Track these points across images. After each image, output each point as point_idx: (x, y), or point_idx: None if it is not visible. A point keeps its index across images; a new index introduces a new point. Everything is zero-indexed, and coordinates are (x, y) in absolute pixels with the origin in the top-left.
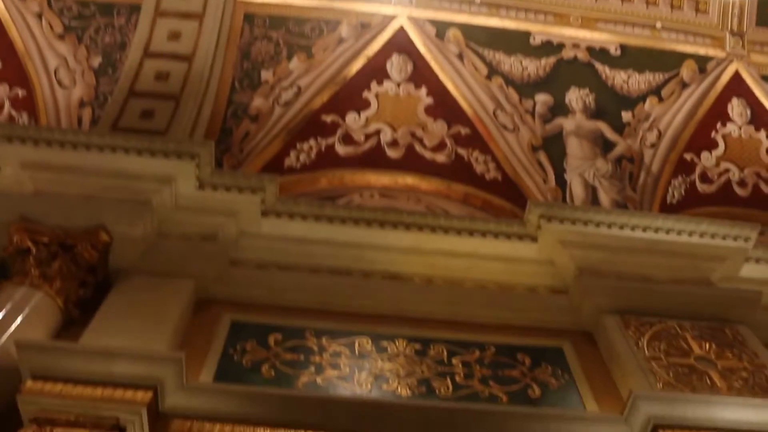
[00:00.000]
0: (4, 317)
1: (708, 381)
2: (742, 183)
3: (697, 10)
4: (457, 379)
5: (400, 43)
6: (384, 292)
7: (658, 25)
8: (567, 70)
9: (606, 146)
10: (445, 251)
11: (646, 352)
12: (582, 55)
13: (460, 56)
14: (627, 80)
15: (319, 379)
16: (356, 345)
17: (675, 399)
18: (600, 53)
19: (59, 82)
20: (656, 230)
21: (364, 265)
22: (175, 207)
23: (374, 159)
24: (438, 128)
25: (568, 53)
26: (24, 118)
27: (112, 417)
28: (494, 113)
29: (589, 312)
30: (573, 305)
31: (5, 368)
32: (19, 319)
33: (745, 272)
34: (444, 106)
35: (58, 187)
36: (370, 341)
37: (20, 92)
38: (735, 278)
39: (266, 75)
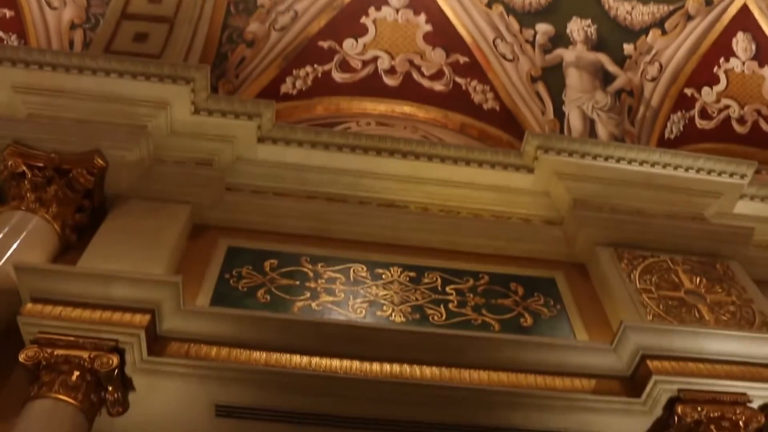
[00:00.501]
0: (1, 240)
1: (696, 314)
2: (741, 120)
3: None
4: (451, 306)
5: None
6: (380, 219)
7: None
8: (569, 0)
9: (606, 79)
10: (442, 180)
11: (638, 284)
12: None
13: None
14: (630, 11)
15: (314, 305)
16: (351, 272)
17: (663, 330)
18: None
19: (48, 3)
20: (653, 165)
21: (361, 192)
22: (170, 132)
23: (371, 86)
24: (436, 56)
25: None
26: (13, 40)
27: (111, 339)
28: (494, 42)
29: (582, 244)
30: (567, 237)
31: (5, 291)
32: (16, 243)
33: (738, 209)
34: (443, 34)
35: (52, 111)
36: (365, 268)
37: (8, 13)
38: (728, 214)
39: None
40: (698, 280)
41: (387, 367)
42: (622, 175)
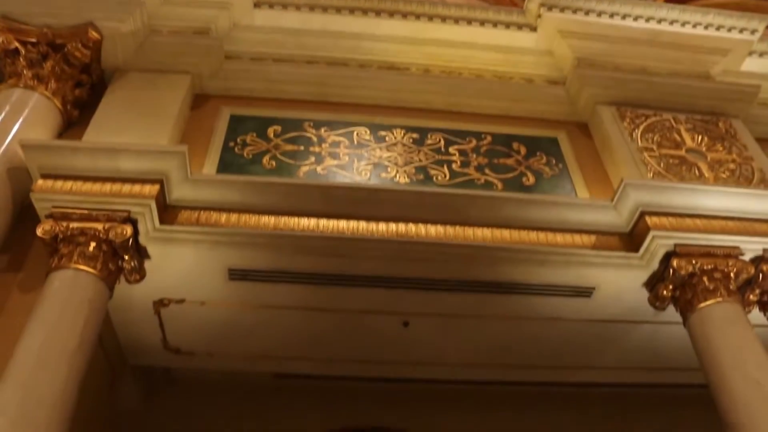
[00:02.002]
0: (4, 119)
1: (696, 172)
2: None
3: None
4: (454, 167)
5: None
6: (381, 82)
7: None
8: None
9: None
10: (443, 41)
11: (639, 143)
12: None
13: None
14: None
15: (319, 169)
16: (355, 135)
17: (662, 187)
18: None
19: None
20: (659, 21)
21: (361, 55)
22: (163, 1)
23: None
24: None
25: None
26: None
27: (123, 210)
28: None
29: (585, 103)
30: (570, 96)
31: (15, 169)
32: (19, 121)
33: (746, 66)
34: None
35: None
36: (368, 131)
37: None
38: (735, 72)
39: None
40: (700, 138)
41: (393, 226)
42: (626, 32)
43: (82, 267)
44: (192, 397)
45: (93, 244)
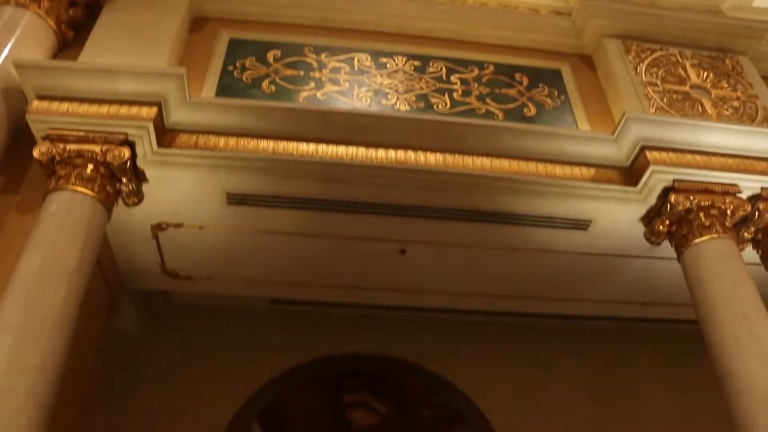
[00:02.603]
0: None
1: (699, 108)
2: None
3: None
4: (455, 95)
5: None
6: (384, 8)
7: None
8: None
9: None
10: None
11: (644, 77)
12: None
13: None
14: None
15: (319, 94)
16: (355, 61)
17: (664, 122)
18: None
19: None
20: None
21: None
22: None
23: None
24: None
25: None
26: None
27: (120, 133)
28: None
29: (590, 35)
30: (575, 27)
31: (9, 90)
32: (12, 40)
33: (758, 2)
34: None
35: None
36: (369, 57)
37: None
38: (745, 8)
39: None
40: (705, 74)
41: (392, 153)
42: None
43: (79, 189)
44: (190, 321)
45: (90, 167)
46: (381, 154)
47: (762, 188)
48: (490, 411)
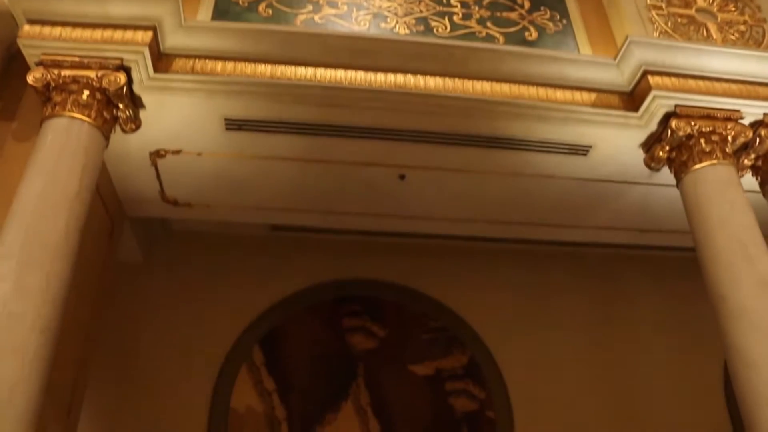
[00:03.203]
0: None
1: (704, 32)
2: None
3: None
4: (455, 19)
5: None
6: None
7: None
8: None
9: None
10: None
11: (648, 0)
12: None
13: None
14: None
15: (317, 18)
16: None
17: (667, 46)
18: None
19: None
20: None
21: None
22: None
23: None
24: None
25: None
26: None
27: (115, 58)
28: None
29: None
30: None
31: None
32: None
33: None
34: None
35: None
36: None
37: None
38: None
39: None
40: None
41: (391, 77)
42: None
43: (76, 115)
44: (190, 249)
45: (86, 92)
46: (380, 78)
47: (765, 114)
48: (488, 336)
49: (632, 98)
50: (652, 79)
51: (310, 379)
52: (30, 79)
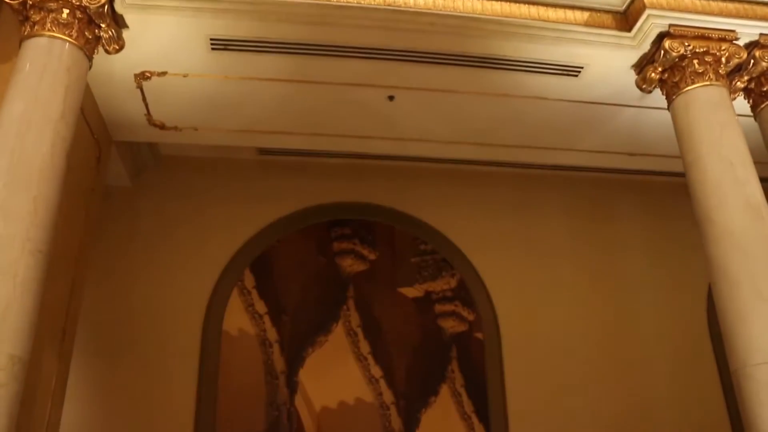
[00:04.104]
0: None
1: None
2: None
3: None
4: None
5: None
6: None
7: None
8: None
9: None
10: None
11: None
12: None
13: None
14: None
15: None
16: None
17: None
18: None
19: None
20: None
21: None
22: None
23: None
24: None
25: None
26: None
27: None
28: None
29: None
30: None
31: None
32: None
33: None
34: None
35: None
36: None
37: None
38: None
39: None
40: None
41: None
42: None
43: (56, 34)
44: (179, 174)
45: (66, 11)
46: None
47: (761, 35)
48: (478, 258)
49: (626, 18)
50: None
51: (301, 302)
52: None
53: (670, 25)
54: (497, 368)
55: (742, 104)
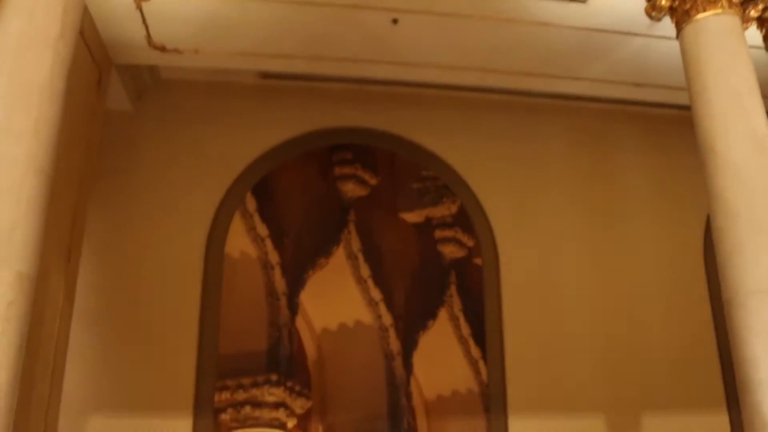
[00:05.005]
0: None
1: None
2: None
3: None
4: None
5: None
6: None
7: None
8: None
9: None
10: None
11: None
12: None
13: None
14: None
15: None
16: None
17: None
18: None
19: None
20: None
21: None
22: None
23: None
24: None
25: None
26: None
27: None
28: None
29: None
30: None
31: None
32: None
33: None
34: None
35: None
36: None
37: None
38: None
39: None
40: None
41: None
42: None
43: None
44: (180, 98)
45: None
46: None
47: None
48: (478, 185)
49: None
50: None
51: (302, 226)
52: None
53: None
54: (495, 293)
55: (754, 35)
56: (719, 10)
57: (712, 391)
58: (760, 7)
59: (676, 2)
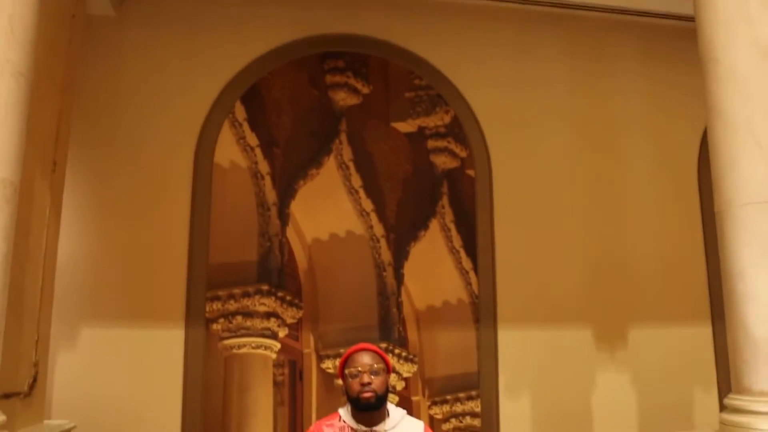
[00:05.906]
0: None
1: None
2: None
3: None
4: None
5: None
6: None
7: None
8: None
9: None
10: None
11: None
12: None
13: None
14: None
15: None
16: None
17: None
18: None
19: None
20: None
21: None
22: None
23: None
24: None
25: None
26: None
27: None
28: None
29: None
30: None
31: None
32: None
33: None
34: None
35: None
36: None
37: None
38: None
39: None
40: None
41: None
42: None
43: None
44: (165, 3)
45: None
46: None
47: None
48: (472, 95)
49: None
50: None
51: (292, 135)
52: None
53: None
54: (487, 205)
55: None
56: None
57: (697, 304)
58: None
59: None
